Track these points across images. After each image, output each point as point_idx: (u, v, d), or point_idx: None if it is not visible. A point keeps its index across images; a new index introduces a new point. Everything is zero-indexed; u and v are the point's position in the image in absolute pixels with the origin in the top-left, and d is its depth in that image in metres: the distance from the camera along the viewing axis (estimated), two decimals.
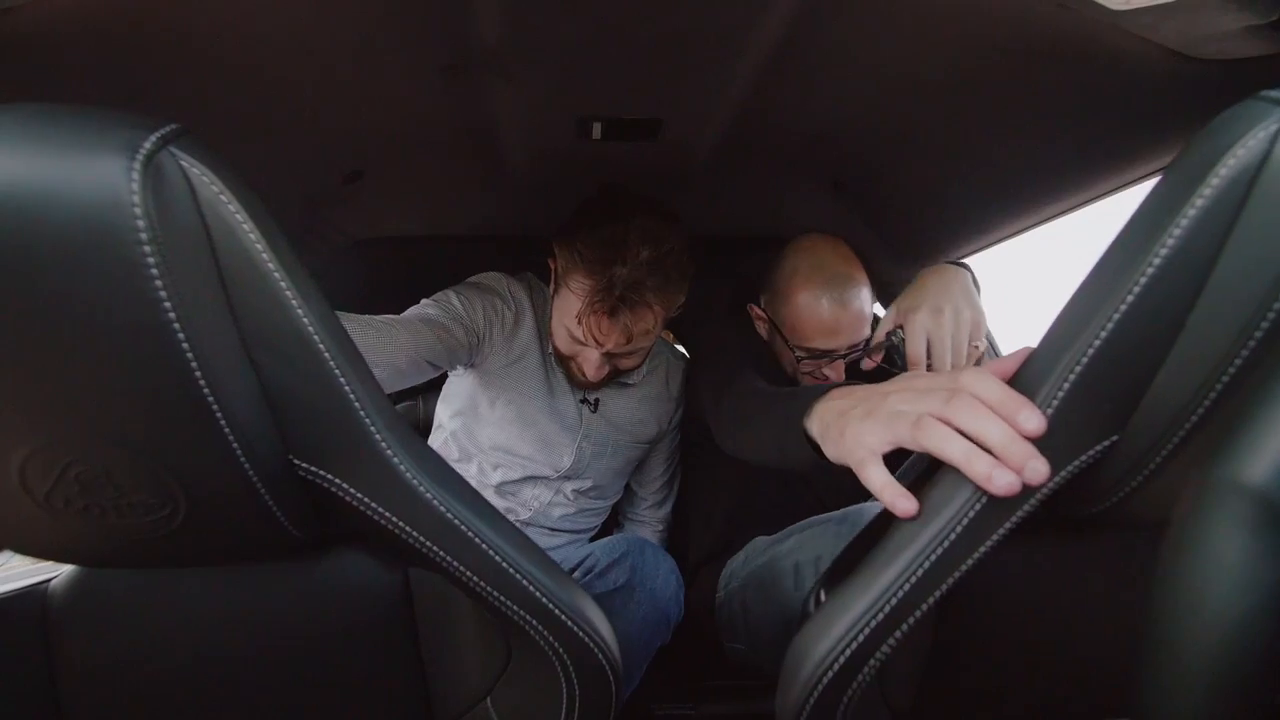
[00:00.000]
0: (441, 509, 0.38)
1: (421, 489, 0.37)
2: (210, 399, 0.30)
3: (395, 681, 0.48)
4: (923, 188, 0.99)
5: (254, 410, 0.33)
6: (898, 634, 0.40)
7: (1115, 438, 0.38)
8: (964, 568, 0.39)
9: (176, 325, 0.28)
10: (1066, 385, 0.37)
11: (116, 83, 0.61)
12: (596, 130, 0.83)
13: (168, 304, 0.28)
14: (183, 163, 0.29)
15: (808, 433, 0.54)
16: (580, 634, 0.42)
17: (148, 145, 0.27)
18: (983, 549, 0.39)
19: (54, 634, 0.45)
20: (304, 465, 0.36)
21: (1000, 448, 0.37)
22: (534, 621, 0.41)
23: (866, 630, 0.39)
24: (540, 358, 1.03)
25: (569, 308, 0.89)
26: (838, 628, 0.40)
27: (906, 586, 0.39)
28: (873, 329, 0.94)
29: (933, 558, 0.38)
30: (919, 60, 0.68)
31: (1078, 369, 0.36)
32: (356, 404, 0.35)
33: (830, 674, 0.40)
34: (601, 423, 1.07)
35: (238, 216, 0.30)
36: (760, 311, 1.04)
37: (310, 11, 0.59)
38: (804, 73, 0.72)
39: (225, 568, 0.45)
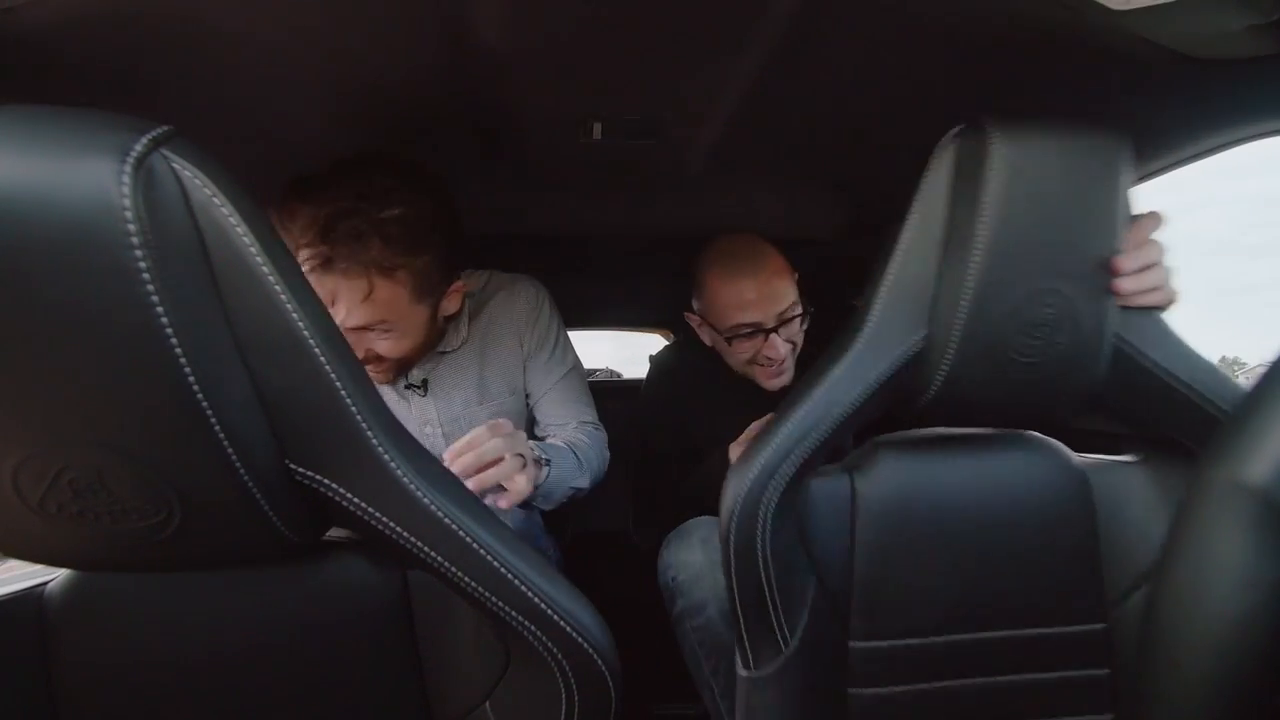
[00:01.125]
0: (438, 513, 0.38)
1: (418, 493, 0.37)
2: (204, 404, 0.30)
3: (393, 684, 0.48)
4: None
5: (249, 415, 0.32)
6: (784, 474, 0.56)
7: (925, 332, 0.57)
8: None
9: (169, 330, 0.28)
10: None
11: (116, 83, 0.61)
12: (596, 130, 0.83)
13: (160, 309, 0.27)
14: (174, 165, 0.29)
15: None
16: (578, 639, 0.42)
17: (139, 148, 0.27)
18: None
19: (51, 636, 0.45)
20: (300, 470, 0.35)
21: None
22: (531, 626, 0.40)
23: (773, 471, 0.56)
24: None
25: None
26: (748, 471, 0.56)
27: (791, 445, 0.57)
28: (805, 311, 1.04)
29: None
30: (919, 59, 0.68)
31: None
32: (352, 408, 0.34)
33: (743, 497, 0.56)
34: (439, 404, 0.95)
35: (231, 219, 0.30)
36: (695, 316, 1.10)
37: (311, 12, 0.59)
38: (804, 73, 0.71)
39: (222, 571, 0.45)
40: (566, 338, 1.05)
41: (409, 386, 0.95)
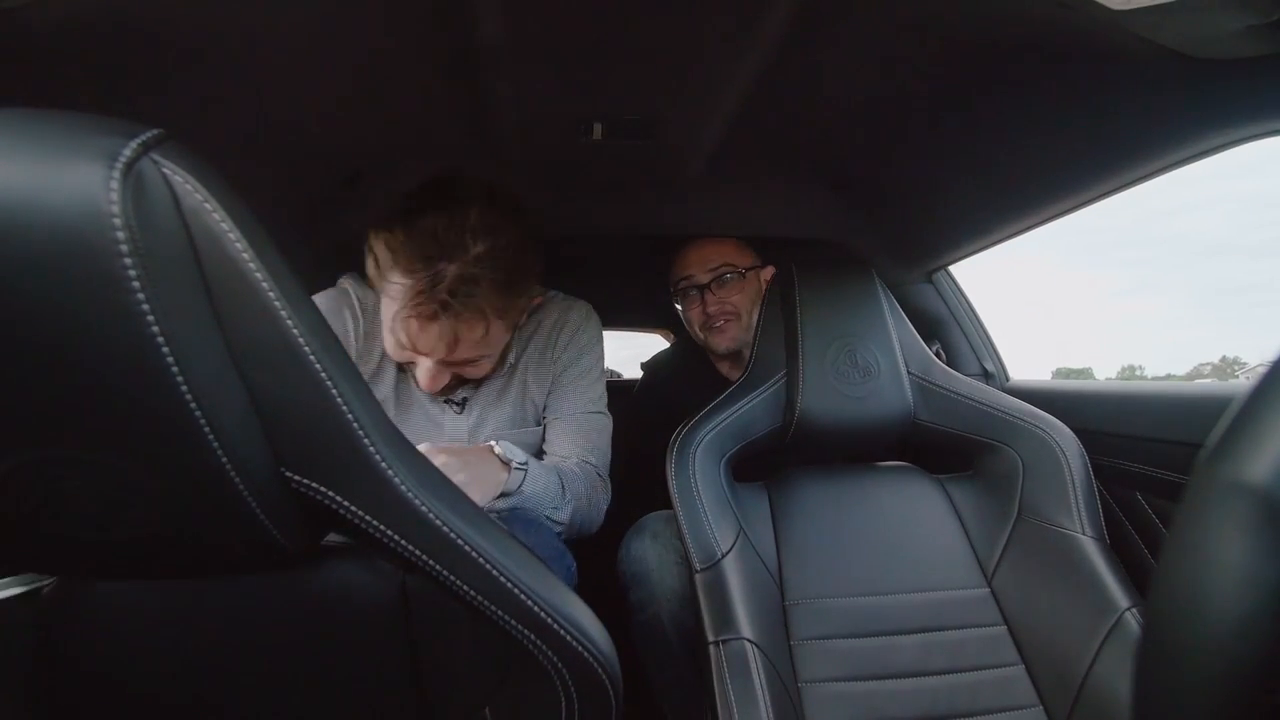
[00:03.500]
0: (437, 522, 0.37)
1: (416, 501, 0.37)
2: (197, 414, 0.29)
3: (392, 691, 0.48)
4: (923, 188, 0.99)
5: (243, 424, 0.32)
6: None
7: None
8: None
9: (160, 339, 0.27)
10: None
11: (116, 84, 0.61)
12: (597, 130, 0.83)
13: (150, 317, 0.26)
14: (165, 170, 0.28)
15: None
16: (579, 649, 0.41)
17: (127, 152, 0.26)
18: None
19: (47, 640, 0.45)
20: (296, 478, 0.35)
21: None
22: (531, 636, 0.40)
23: None
24: (396, 366, 0.90)
25: (388, 311, 0.76)
26: None
27: None
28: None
29: None
30: (919, 60, 0.68)
31: None
32: (349, 415, 0.34)
33: None
34: (473, 423, 0.93)
35: (223, 225, 0.29)
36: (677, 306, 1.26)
37: (311, 13, 0.59)
38: (804, 73, 0.71)
39: (219, 576, 0.45)
40: (602, 372, 0.98)
41: (448, 401, 0.92)
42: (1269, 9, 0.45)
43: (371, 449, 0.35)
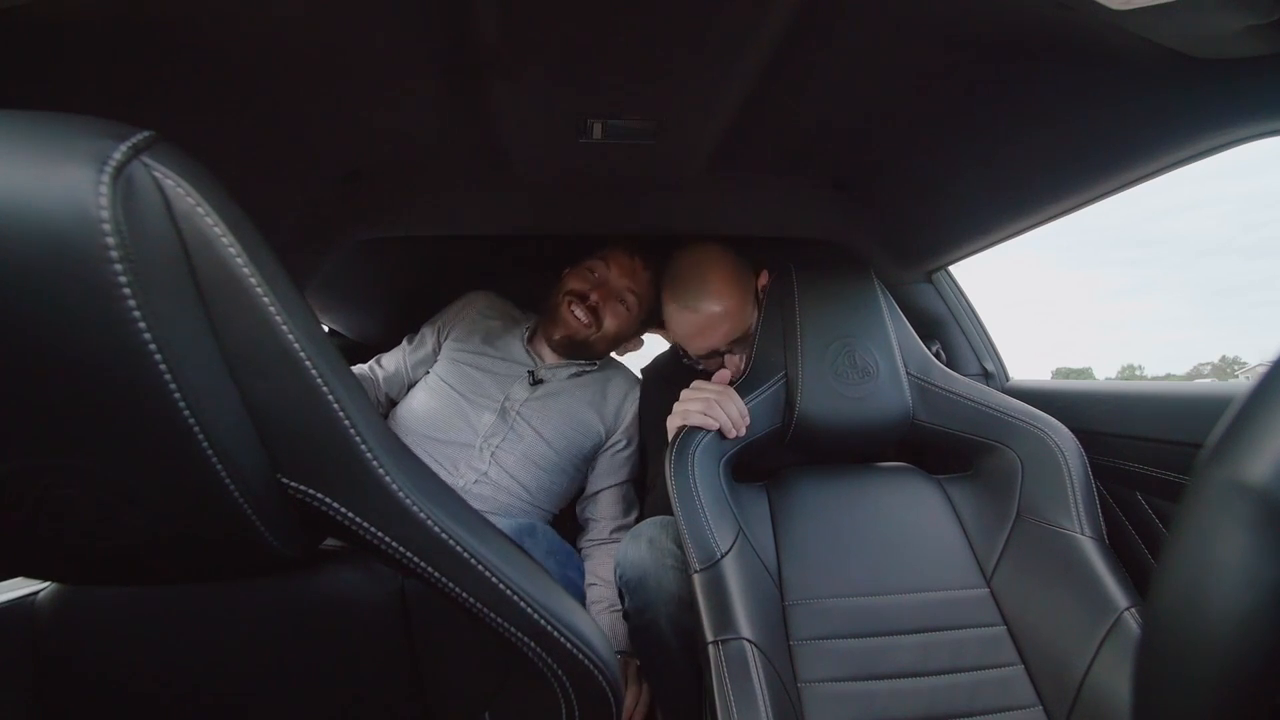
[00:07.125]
0: (435, 528, 0.37)
1: (414, 508, 0.36)
2: (191, 421, 0.29)
3: (391, 696, 0.48)
4: (924, 187, 0.99)
5: (238, 430, 0.31)
6: None
7: None
8: None
9: (153, 346, 0.27)
10: None
11: (115, 84, 0.61)
12: (597, 130, 0.83)
13: (142, 324, 0.26)
14: (156, 173, 0.27)
15: None
16: (579, 655, 0.41)
17: (118, 155, 0.26)
18: None
19: (42, 646, 0.45)
20: (292, 484, 0.34)
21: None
22: (530, 642, 0.40)
23: None
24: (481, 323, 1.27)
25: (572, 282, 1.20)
26: None
27: None
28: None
29: None
30: (919, 59, 0.68)
31: None
32: (346, 421, 0.34)
33: None
34: (533, 406, 1.17)
35: (216, 229, 0.29)
36: (661, 331, 1.27)
37: (310, 12, 0.59)
38: (804, 73, 0.71)
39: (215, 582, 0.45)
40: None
41: (530, 372, 1.19)
42: (1269, 9, 0.45)
43: (369, 455, 0.35)
